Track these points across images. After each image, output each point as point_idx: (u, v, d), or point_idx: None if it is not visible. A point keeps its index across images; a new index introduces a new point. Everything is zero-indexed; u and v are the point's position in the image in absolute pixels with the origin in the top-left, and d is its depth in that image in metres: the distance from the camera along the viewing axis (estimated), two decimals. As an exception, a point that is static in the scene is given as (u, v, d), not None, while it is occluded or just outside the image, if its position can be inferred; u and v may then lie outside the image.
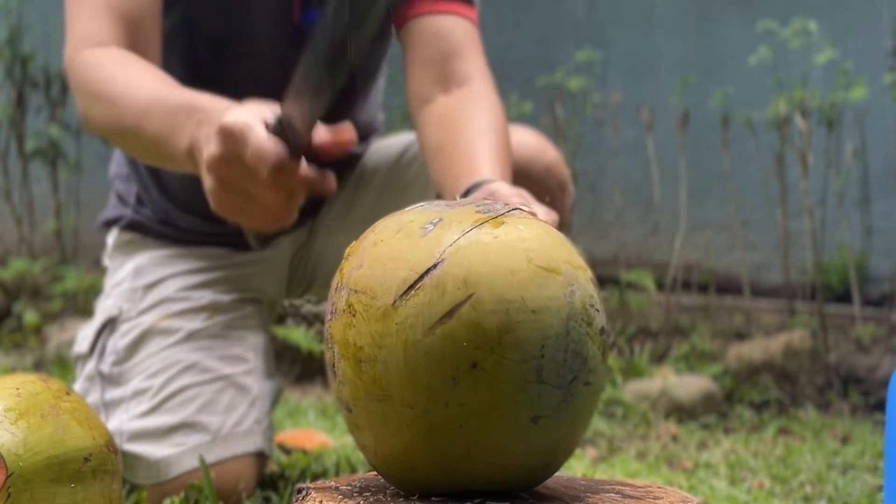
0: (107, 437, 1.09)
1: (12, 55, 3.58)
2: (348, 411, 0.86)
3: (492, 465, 0.83)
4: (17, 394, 1.04)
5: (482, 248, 0.83)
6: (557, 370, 0.82)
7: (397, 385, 0.81)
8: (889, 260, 3.21)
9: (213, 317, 1.60)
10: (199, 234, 1.66)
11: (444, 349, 0.80)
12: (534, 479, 0.87)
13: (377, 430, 0.84)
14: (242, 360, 1.58)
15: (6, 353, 3.11)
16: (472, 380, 0.80)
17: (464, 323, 0.80)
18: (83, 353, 1.63)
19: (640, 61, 3.68)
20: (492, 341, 0.80)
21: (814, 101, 2.84)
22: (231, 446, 1.51)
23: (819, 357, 2.73)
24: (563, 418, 0.83)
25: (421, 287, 0.81)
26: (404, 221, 0.87)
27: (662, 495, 0.90)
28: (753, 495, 1.71)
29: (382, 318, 0.82)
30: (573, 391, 0.83)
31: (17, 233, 3.63)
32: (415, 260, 0.82)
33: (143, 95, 1.33)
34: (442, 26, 1.55)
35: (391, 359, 0.81)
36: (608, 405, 2.53)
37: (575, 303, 0.83)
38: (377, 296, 0.83)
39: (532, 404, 0.81)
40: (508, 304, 0.81)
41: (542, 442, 0.83)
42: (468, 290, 0.80)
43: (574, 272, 0.85)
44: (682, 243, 3.14)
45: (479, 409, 0.81)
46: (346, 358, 0.84)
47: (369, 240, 0.87)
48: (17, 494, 0.98)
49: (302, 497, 0.88)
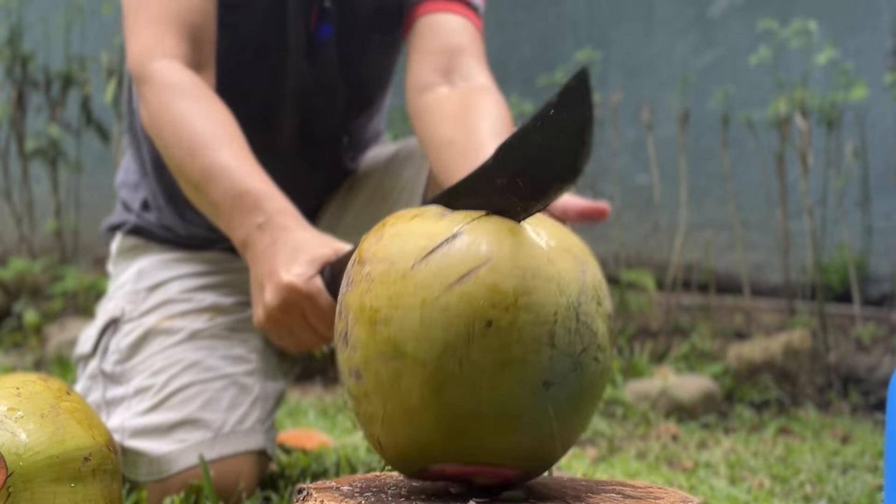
0: (107, 436, 1.09)
1: (12, 55, 3.58)
2: (357, 378, 0.86)
3: (500, 428, 0.84)
4: (17, 393, 1.04)
5: (500, 225, 0.85)
6: (569, 338, 0.84)
7: (412, 343, 0.83)
8: (889, 260, 3.21)
9: (216, 318, 1.60)
10: (201, 240, 1.67)
11: (460, 307, 0.82)
12: (539, 456, 0.87)
13: (387, 393, 0.85)
14: (244, 361, 1.58)
15: (6, 352, 3.12)
16: (486, 338, 0.82)
17: (481, 283, 0.82)
18: (86, 353, 1.64)
19: (640, 61, 3.68)
20: (507, 301, 0.82)
21: (814, 100, 2.84)
22: (233, 443, 1.51)
23: (819, 357, 2.73)
24: (572, 388, 0.85)
25: (440, 252, 0.84)
26: (418, 210, 0.89)
27: (663, 495, 0.90)
28: (753, 495, 1.71)
29: (401, 280, 0.84)
30: (582, 363, 0.85)
31: (17, 232, 3.63)
32: (434, 232, 0.85)
33: (210, 158, 1.37)
34: (448, 23, 1.57)
35: (407, 317, 0.83)
36: (608, 405, 2.53)
37: (586, 280, 0.86)
38: (396, 262, 0.85)
39: (543, 368, 0.83)
40: (525, 271, 0.83)
41: (552, 410, 0.84)
42: (486, 257, 0.83)
43: (584, 256, 0.88)
44: (682, 243, 3.14)
45: (491, 369, 0.82)
46: (360, 322, 0.86)
47: (388, 223, 0.89)
48: (17, 494, 0.98)
49: (303, 497, 0.88)
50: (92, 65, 3.62)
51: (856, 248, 3.17)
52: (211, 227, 1.44)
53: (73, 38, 3.74)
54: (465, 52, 1.55)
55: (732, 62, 3.42)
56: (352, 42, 1.64)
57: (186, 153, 1.40)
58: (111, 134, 3.59)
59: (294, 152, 1.65)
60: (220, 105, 1.44)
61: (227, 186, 1.35)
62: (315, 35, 1.60)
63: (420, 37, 1.57)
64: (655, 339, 2.98)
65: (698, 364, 2.80)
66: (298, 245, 1.26)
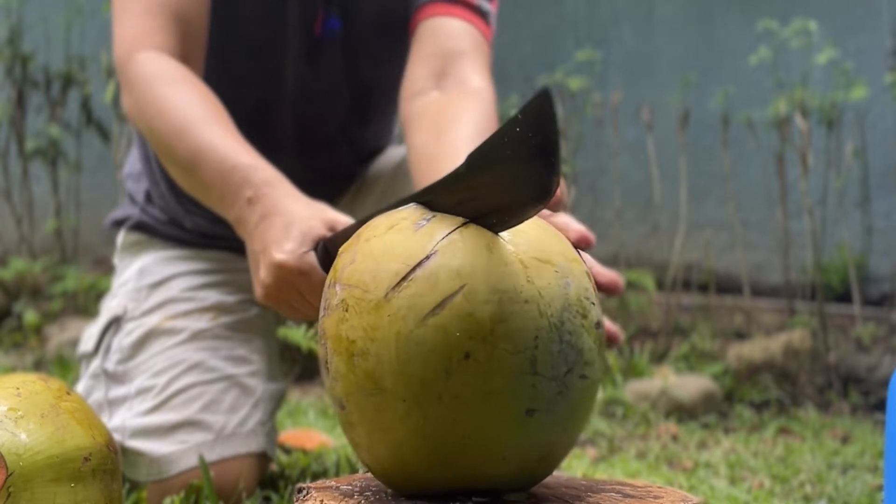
0: (107, 436, 1.09)
1: (12, 55, 3.58)
2: (341, 408, 0.86)
3: (486, 458, 0.82)
4: (17, 393, 1.04)
5: (476, 240, 0.82)
6: (552, 361, 0.81)
7: (390, 378, 0.81)
8: (889, 260, 3.21)
9: (219, 318, 1.60)
10: (205, 237, 1.67)
11: (436, 340, 0.79)
12: (530, 476, 0.86)
13: (370, 426, 0.84)
14: (247, 362, 1.58)
15: (6, 352, 3.11)
16: (465, 371, 0.79)
17: (456, 313, 0.79)
18: (88, 351, 1.63)
19: (640, 61, 3.68)
20: (484, 331, 0.79)
21: (814, 100, 2.84)
22: (233, 445, 1.51)
23: (819, 357, 2.73)
24: (558, 412, 0.82)
25: (413, 279, 0.81)
26: (396, 219, 0.86)
27: (662, 495, 0.89)
28: (753, 495, 1.71)
29: (375, 311, 0.81)
30: (568, 383, 0.82)
31: (17, 232, 3.63)
32: (407, 253, 0.82)
33: (196, 138, 1.35)
34: (449, 27, 1.53)
35: (383, 351, 0.81)
36: (608, 405, 2.53)
37: (570, 294, 0.83)
38: (369, 289, 0.82)
39: (526, 396, 0.81)
40: (501, 294, 0.80)
41: (538, 436, 0.83)
42: (461, 281, 0.80)
43: (568, 264, 0.84)
44: (682, 243, 3.14)
45: (472, 401, 0.80)
46: (338, 353, 0.84)
47: (362, 237, 0.87)
48: (17, 494, 0.98)
49: (303, 497, 0.88)
50: (92, 65, 3.62)
51: (856, 248, 3.17)
52: (214, 217, 1.43)
53: (73, 38, 3.74)
54: (462, 57, 1.51)
55: (732, 62, 3.42)
56: (355, 43, 1.62)
57: (173, 136, 1.38)
58: (111, 134, 3.59)
59: (292, 154, 1.64)
60: (204, 88, 1.42)
61: (214, 165, 1.32)
62: (319, 34, 1.59)
63: (420, 40, 1.54)
64: (655, 339, 2.98)
65: (698, 364, 2.80)
66: (290, 219, 1.22)
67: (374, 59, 1.65)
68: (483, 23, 1.56)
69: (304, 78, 1.61)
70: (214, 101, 1.41)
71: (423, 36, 1.54)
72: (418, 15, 1.56)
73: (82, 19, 3.72)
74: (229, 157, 1.32)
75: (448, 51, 1.51)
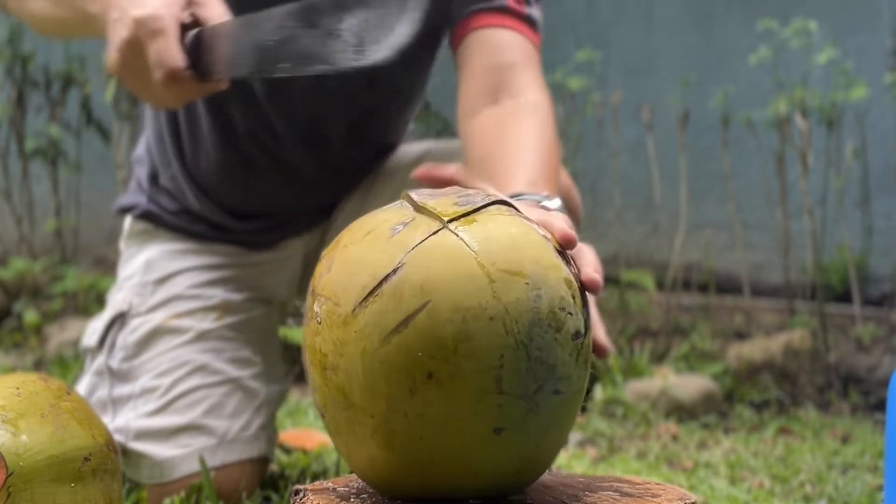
0: (107, 436, 1.09)
1: (12, 55, 3.58)
2: (322, 417, 0.86)
3: (456, 474, 0.81)
4: (17, 393, 1.04)
5: (443, 251, 0.80)
6: (519, 380, 0.79)
7: (358, 394, 0.80)
8: (889, 259, 3.21)
9: (224, 317, 1.59)
10: (213, 228, 1.65)
11: (399, 359, 0.78)
12: (509, 487, 0.85)
13: (346, 436, 0.83)
14: (251, 363, 1.58)
15: (6, 352, 3.11)
16: (428, 390, 0.78)
17: (419, 332, 0.78)
18: (91, 346, 1.63)
19: (640, 61, 3.68)
20: (447, 351, 0.77)
21: (814, 100, 2.84)
22: (236, 451, 1.51)
23: (819, 357, 2.73)
24: (530, 430, 0.80)
25: (379, 294, 0.79)
26: (377, 221, 0.85)
27: (661, 492, 0.89)
28: (753, 495, 1.72)
29: (343, 326, 0.80)
30: (539, 401, 0.80)
31: (18, 232, 3.63)
32: (376, 265, 0.80)
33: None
34: (499, 39, 1.49)
35: (351, 367, 0.80)
36: (608, 405, 2.53)
37: (541, 307, 0.80)
38: (340, 302, 0.81)
39: (492, 415, 0.79)
40: (465, 312, 0.78)
41: (508, 453, 0.81)
42: (424, 298, 0.78)
43: (543, 273, 0.81)
44: (682, 243, 3.14)
45: (437, 420, 0.79)
46: (313, 365, 0.83)
47: (342, 241, 0.86)
48: (17, 494, 0.98)
49: (299, 499, 0.88)
50: (92, 64, 3.62)
51: (856, 248, 3.17)
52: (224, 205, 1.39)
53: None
54: (514, 68, 1.47)
55: (732, 62, 3.42)
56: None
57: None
58: (111, 134, 3.59)
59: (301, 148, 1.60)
60: None
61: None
62: None
63: (469, 54, 1.49)
64: (655, 339, 2.98)
65: (698, 364, 2.80)
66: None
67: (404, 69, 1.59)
68: (532, 31, 1.52)
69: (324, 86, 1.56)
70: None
71: (473, 49, 1.49)
72: (464, 27, 1.50)
73: (82, 19, 3.71)
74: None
75: (500, 65, 1.47)
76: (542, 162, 1.32)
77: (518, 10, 1.50)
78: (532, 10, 1.52)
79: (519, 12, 1.50)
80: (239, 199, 1.65)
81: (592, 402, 2.53)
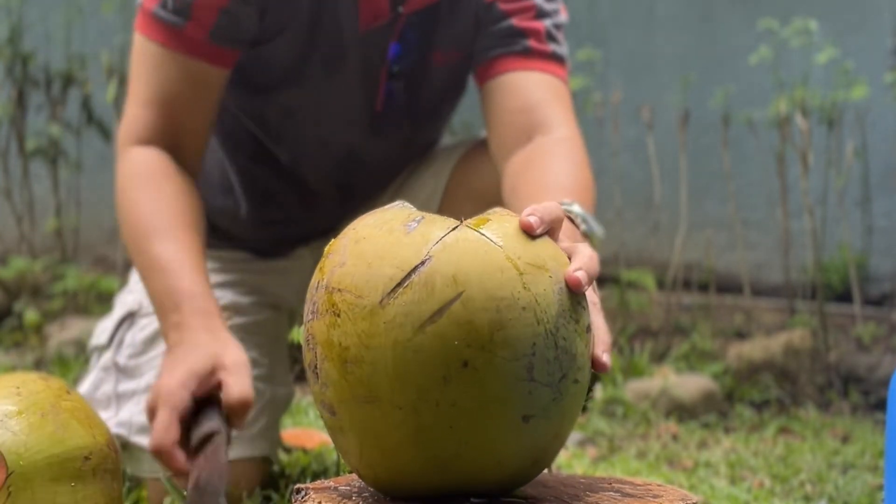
0: (107, 435, 1.09)
1: (13, 54, 3.57)
2: (331, 414, 0.85)
3: (481, 465, 0.82)
4: (17, 393, 1.05)
5: (470, 245, 0.81)
6: (548, 368, 0.81)
7: (386, 385, 0.80)
8: (889, 259, 3.21)
9: (232, 318, 1.59)
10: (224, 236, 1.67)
11: (434, 348, 0.79)
12: (522, 479, 0.87)
13: (362, 432, 0.83)
14: (257, 365, 1.58)
15: (6, 351, 3.11)
16: (463, 379, 0.79)
17: (455, 321, 0.79)
18: (101, 344, 1.64)
19: (640, 60, 3.68)
20: (483, 339, 0.79)
21: (814, 100, 2.84)
22: (238, 449, 1.51)
23: (819, 356, 2.73)
24: (553, 417, 0.82)
25: (409, 285, 0.80)
26: (385, 219, 0.86)
27: (661, 493, 0.89)
28: (754, 494, 1.72)
29: (370, 317, 0.80)
30: (563, 389, 0.82)
31: (18, 231, 3.62)
32: (401, 257, 0.81)
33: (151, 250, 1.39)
34: (527, 81, 1.50)
35: (379, 359, 0.80)
36: (608, 404, 2.53)
37: (564, 300, 0.82)
38: (363, 294, 0.81)
39: (523, 403, 0.80)
40: (499, 302, 0.79)
41: (533, 441, 0.82)
42: (458, 288, 0.79)
43: (560, 269, 0.84)
44: (682, 242, 3.13)
45: (470, 409, 0.80)
46: (330, 359, 0.83)
47: (350, 237, 0.86)
48: (17, 493, 0.98)
49: (301, 498, 0.88)
50: (92, 64, 3.62)
51: (856, 247, 3.17)
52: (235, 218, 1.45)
53: (74, 37, 3.73)
54: (545, 109, 1.48)
55: (733, 62, 3.42)
56: (416, 108, 1.60)
57: (133, 243, 1.42)
58: (112, 133, 3.59)
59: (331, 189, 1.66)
60: (179, 189, 1.44)
61: (160, 282, 1.37)
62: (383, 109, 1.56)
63: (497, 98, 1.50)
64: (655, 339, 2.98)
65: (698, 363, 2.80)
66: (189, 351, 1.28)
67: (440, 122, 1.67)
68: (557, 66, 1.52)
69: (360, 143, 1.60)
70: (187, 206, 1.43)
71: (501, 93, 1.50)
72: (490, 69, 1.51)
73: (83, 18, 3.71)
74: (172, 279, 1.36)
75: (530, 106, 1.48)
76: (573, 185, 1.35)
77: (541, 49, 1.51)
78: (555, 47, 1.52)
79: (542, 52, 1.50)
80: (258, 219, 1.67)
81: (593, 401, 2.53)
